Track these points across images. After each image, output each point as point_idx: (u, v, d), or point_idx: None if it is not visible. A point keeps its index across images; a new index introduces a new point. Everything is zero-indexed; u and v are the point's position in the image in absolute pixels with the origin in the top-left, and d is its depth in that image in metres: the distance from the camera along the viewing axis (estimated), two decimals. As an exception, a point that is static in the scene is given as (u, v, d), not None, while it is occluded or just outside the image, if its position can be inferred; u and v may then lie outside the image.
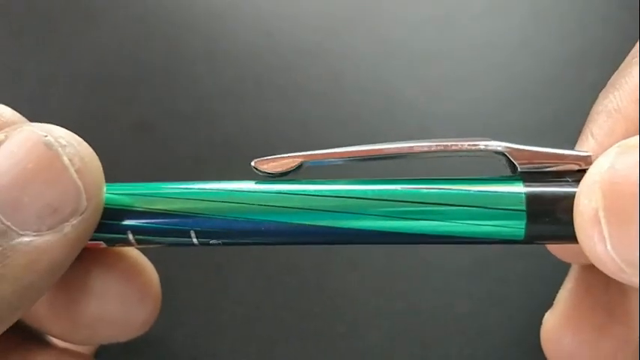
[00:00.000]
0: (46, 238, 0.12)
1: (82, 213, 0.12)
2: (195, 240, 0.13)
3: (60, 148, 0.12)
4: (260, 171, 0.14)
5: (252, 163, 0.14)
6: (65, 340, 0.16)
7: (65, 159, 0.12)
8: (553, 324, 0.17)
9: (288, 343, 0.25)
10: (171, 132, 0.29)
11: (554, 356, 0.17)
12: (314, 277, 0.26)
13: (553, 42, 0.29)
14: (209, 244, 0.14)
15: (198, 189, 0.14)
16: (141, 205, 0.13)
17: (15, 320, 0.13)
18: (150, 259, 0.27)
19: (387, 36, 0.30)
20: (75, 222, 0.12)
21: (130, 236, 0.14)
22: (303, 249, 0.27)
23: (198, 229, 0.13)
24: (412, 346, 0.25)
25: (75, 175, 0.12)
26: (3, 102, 0.16)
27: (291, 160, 0.15)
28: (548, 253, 0.26)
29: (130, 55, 0.31)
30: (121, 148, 0.28)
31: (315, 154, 0.14)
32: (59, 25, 0.32)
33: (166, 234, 0.14)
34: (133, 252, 0.16)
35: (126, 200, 0.14)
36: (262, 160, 0.15)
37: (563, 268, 0.25)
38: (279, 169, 0.14)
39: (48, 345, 0.16)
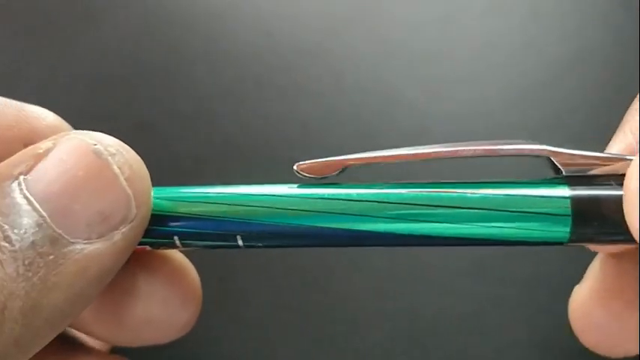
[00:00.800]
0: (96, 246, 0.12)
1: (132, 221, 0.12)
2: (240, 243, 0.13)
3: (109, 157, 0.12)
4: (302, 174, 0.14)
5: (295, 167, 0.14)
6: (108, 342, 0.16)
7: (115, 167, 0.12)
8: (583, 297, 0.17)
9: (290, 344, 0.25)
10: (171, 132, 0.29)
11: (583, 329, 0.17)
12: (315, 278, 0.26)
13: (553, 42, 0.29)
14: (254, 247, 0.14)
15: (244, 193, 0.14)
16: (187, 209, 0.13)
17: (65, 327, 0.13)
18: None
19: (387, 36, 0.30)
20: (125, 230, 0.12)
21: (177, 240, 0.14)
22: (303, 250, 0.27)
23: (245, 232, 0.13)
24: (413, 346, 0.25)
25: (125, 184, 0.12)
26: (3, 102, 0.16)
27: (334, 163, 0.14)
28: (548, 254, 0.26)
29: (130, 55, 0.31)
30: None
31: (359, 158, 0.14)
32: (59, 25, 0.32)
33: (213, 238, 0.13)
34: (177, 254, 0.16)
35: (172, 205, 0.13)
36: (304, 164, 0.14)
37: (563, 269, 0.25)
38: (321, 173, 0.14)
39: (87, 349, 0.16)
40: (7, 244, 0.11)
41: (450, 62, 0.29)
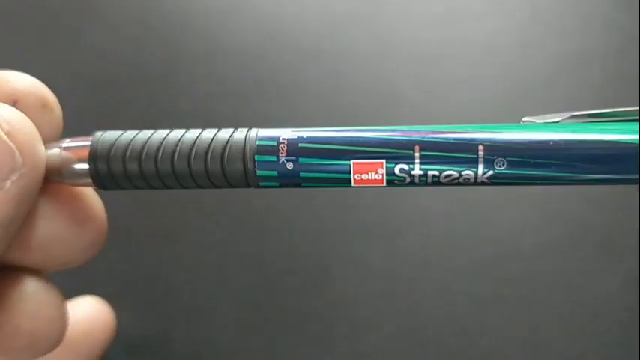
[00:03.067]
0: None
1: (20, 170, 0.14)
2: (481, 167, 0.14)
3: None
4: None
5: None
6: (21, 265, 0.17)
7: None
8: None
9: (289, 344, 0.25)
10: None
11: None
12: (314, 279, 0.26)
13: (553, 42, 0.29)
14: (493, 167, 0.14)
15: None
16: None
17: None
18: (149, 261, 0.27)
19: (387, 36, 0.30)
20: (15, 178, 0.14)
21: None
22: (303, 250, 0.27)
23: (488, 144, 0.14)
24: (413, 346, 0.25)
25: (5, 138, 0.14)
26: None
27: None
28: (547, 253, 0.26)
29: (130, 55, 0.31)
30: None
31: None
32: (59, 25, 0.32)
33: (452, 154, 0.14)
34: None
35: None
36: (535, 117, 0.16)
37: (562, 269, 0.25)
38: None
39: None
40: None
41: (450, 62, 0.30)
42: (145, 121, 0.29)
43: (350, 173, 0.14)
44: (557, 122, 0.15)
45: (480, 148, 0.14)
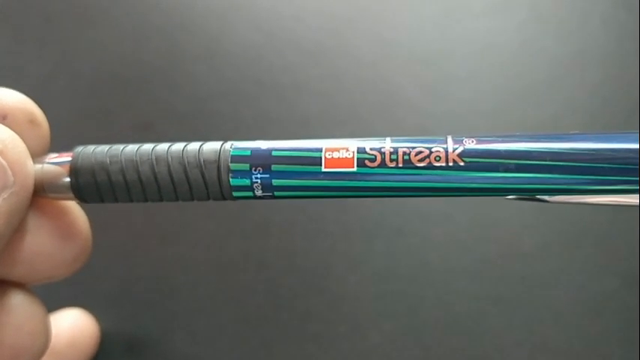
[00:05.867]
0: None
1: (11, 187, 0.14)
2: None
3: None
4: None
5: None
6: (6, 278, 0.17)
7: None
8: None
9: (289, 345, 0.25)
10: (171, 132, 0.29)
11: None
12: (314, 279, 0.26)
13: (553, 42, 0.29)
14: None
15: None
16: None
17: None
18: (149, 261, 0.27)
19: (387, 36, 0.30)
20: (6, 196, 0.14)
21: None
22: (303, 250, 0.27)
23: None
24: (413, 346, 0.25)
25: None
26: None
27: None
28: (548, 253, 0.26)
29: (130, 55, 0.31)
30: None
31: None
32: (59, 25, 0.32)
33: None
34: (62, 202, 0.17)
35: None
36: None
37: (562, 269, 0.25)
38: None
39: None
40: None
41: (450, 62, 0.30)
42: (145, 121, 0.29)
43: (321, 151, 0.14)
44: None
45: (449, 137, 0.14)
